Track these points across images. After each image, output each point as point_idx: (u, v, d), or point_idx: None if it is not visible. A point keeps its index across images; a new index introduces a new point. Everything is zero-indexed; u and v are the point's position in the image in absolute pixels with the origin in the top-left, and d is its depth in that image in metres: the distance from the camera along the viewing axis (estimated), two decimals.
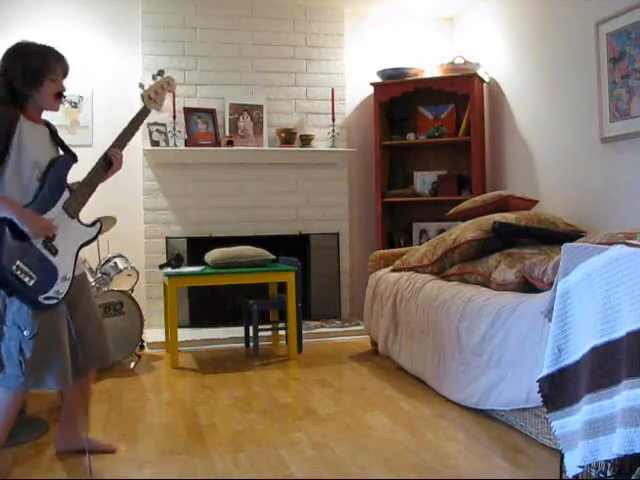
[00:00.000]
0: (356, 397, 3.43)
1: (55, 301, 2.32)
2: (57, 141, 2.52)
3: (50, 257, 2.33)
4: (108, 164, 2.55)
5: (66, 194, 2.42)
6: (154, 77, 2.78)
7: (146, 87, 2.74)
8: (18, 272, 2.22)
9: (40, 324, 2.31)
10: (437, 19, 5.86)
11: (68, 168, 2.47)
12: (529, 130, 4.83)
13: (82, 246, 2.48)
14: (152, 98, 2.72)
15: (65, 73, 2.46)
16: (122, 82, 5.09)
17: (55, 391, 2.61)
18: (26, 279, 2.24)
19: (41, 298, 2.29)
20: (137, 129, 2.66)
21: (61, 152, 2.53)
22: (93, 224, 2.54)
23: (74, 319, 2.45)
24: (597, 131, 4.01)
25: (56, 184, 2.39)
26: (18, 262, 2.23)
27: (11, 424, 2.42)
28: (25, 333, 2.30)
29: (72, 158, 2.50)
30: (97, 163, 2.52)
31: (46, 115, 2.51)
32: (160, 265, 4.66)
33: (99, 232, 2.54)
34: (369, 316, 4.44)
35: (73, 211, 2.43)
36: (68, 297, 2.41)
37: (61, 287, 2.35)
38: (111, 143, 2.58)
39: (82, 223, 2.49)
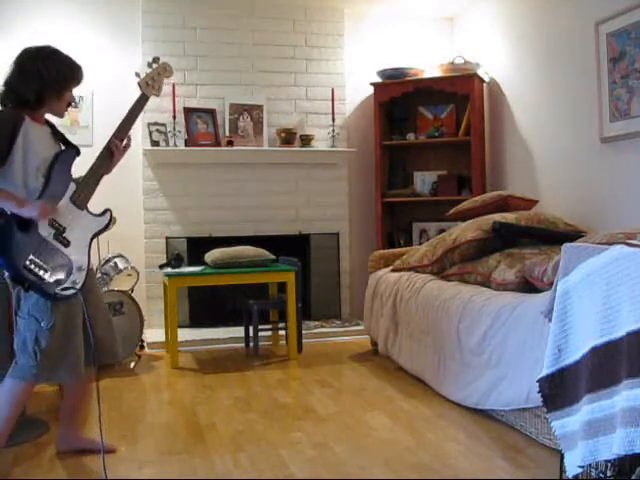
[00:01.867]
0: (356, 397, 3.43)
1: (73, 291, 2.35)
2: (58, 137, 2.55)
3: (63, 249, 2.36)
4: (110, 155, 2.57)
5: (72, 187, 2.45)
6: (149, 65, 2.78)
7: (142, 75, 2.74)
8: (32, 266, 2.26)
9: (57, 316, 2.34)
10: (437, 19, 5.86)
11: (72, 161, 2.50)
12: (529, 130, 4.83)
13: (95, 236, 2.51)
14: (149, 84, 2.72)
15: (79, 85, 2.54)
16: (122, 82, 5.08)
17: (56, 387, 2.61)
18: (41, 272, 2.28)
19: (58, 289, 2.32)
20: (136, 117, 2.67)
21: (63, 147, 2.55)
22: (103, 213, 2.56)
23: (85, 313, 2.48)
24: (597, 131, 4.01)
25: (61, 178, 2.43)
26: (31, 256, 2.26)
27: (18, 416, 2.43)
28: (42, 324, 2.33)
29: (75, 151, 2.53)
30: (100, 153, 2.55)
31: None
32: (160, 265, 4.66)
33: (110, 220, 2.57)
34: (369, 316, 4.44)
35: (81, 202, 2.46)
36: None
37: (77, 277, 2.38)
38: (112, 134, 2.59)
39: (92, 213, 2.52)
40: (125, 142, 2.63)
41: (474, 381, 3.06)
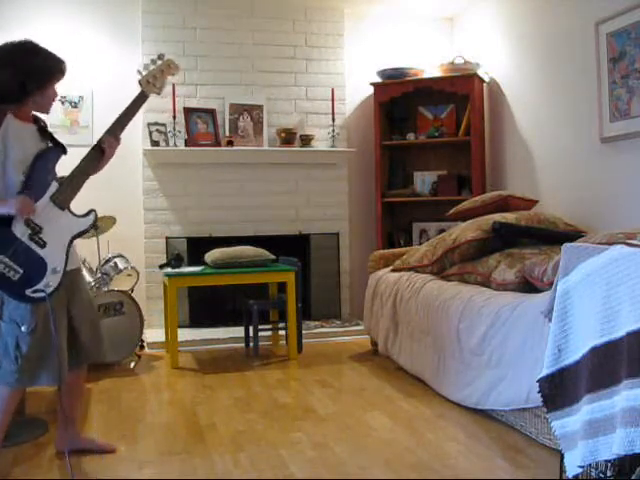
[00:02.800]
0: (356, 397, 3.43)
1: (43, 294, 2.29)
2: (46, 136, 2.48)
3: (38, 250, 2.31)
4: (100, 152, 2.50)
5: (54, 186, 2.39)
6: (154, 61, 2.69)
7: (144, 73, 2.66)
8: (1, 267, 2.22)
9: (38, 320, 2.31)
10: (437, 19, 5.86)
11: (56, 160, 2.45)
12: (529, 130, 4.83)
13: (75, 237, 2.44)
14: (150, 82, 2.64)
15: (62, 77, 2.46)
16: (122, 82, 5.07)
17: (53, 387, 2.60)
18: (10, 274, 2.24)
19: (28, 292, 2.27)
20: (133, 116, 2.59)
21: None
22: (87, 214, 2.48)
23: (70, 314, 2.46)
24: (597, 131, 4.01)
25: (43, 176, 2.37)
26: (1, 257, 2.23)
27: (8, 420, 2.41)
28: (23, 329, 2.30)
29: (61, 150, 2.47)
30: (89, 152, 2.49)
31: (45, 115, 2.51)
32: (160, 265, 4.66)
33: (94, 222, 2.48)
34: (369, 316, 4.44)
35: (62, 202, 2.39)
36: (65, 291, 2.41)
37: (51, 280, 2.32)
38: (105, 130, 2.53)
39: (74, 214, 2.45)
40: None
41: (474, 381, 3.06)
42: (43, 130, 2.48)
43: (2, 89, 2.31)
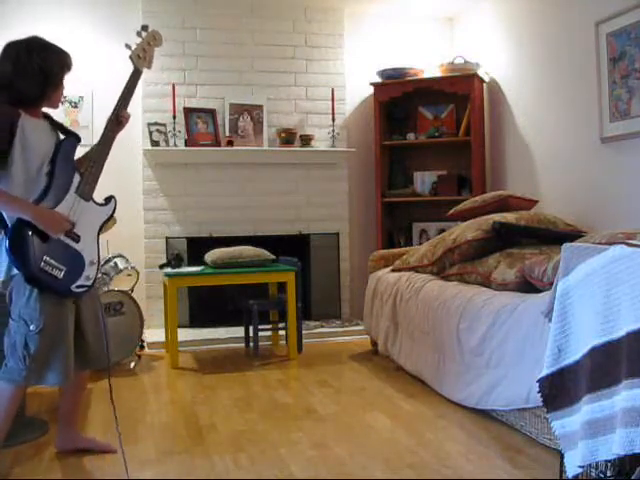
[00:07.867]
0: (356, 397, 3.44)
1: (85, 288, 2.37)
2: (57, 128, 2.50)
3: (74, 245, 2.35)
4: (117, 124, 2.54)
5: (77, 178, 2.42)
6: (139, 34, 2.70)
7: (133, 47, 2.68)
8: (47, 267, 2.26)
9: (47, 319, 2.32)
10: (437, 19, 5.86)
11: (74, 150, 2.47)
12: (529, 130, 4.83)
13: (102, 225, 2.49)
14: (141, 57, 2.68)
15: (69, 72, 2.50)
16: (122, 82, 5.02)
17: (56, 387, 2.60)
18: (56, 272, 2.28)
19: (74, 287, 2.34)
20: (132, 94, 2.64)
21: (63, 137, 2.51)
22: (107, 202, 2.53)
23: (77, 315, 2.46)
24: (597, 131, 4.01)
25: (65, 170, 2.39)
26: (45, 257, 2.26)
27: (11, 419, 2.41)
28: (31, 328, 2.30)
29: (75, 139, 2.49)
30: (101, 139, 2.51)
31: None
32: (160, 265, 4.66)
33: (115, 208, 2.53)
34: (369, 316, 4.44)
35: (86, 194, 2.43)
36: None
37: (90, 272, 2.39)
38: (109, 115, 2.57)
39: (97, 203, 2.49)
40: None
41: (474, 381, 3.06)
42: (53, 123, 2.49)
43: (22, 92, 2.32)
